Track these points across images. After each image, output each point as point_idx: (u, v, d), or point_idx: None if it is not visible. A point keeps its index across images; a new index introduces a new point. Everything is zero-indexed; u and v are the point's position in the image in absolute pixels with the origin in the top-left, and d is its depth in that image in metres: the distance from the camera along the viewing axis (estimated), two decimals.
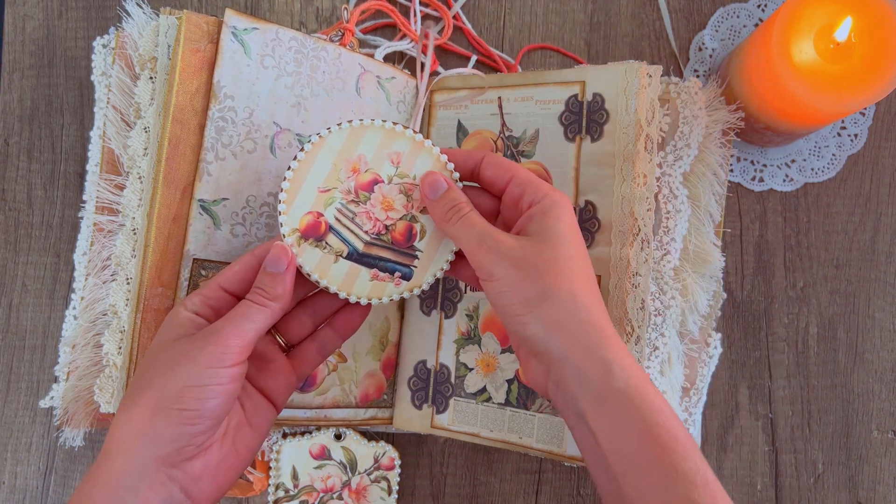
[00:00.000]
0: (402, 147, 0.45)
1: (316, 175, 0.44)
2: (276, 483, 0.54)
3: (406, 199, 0.46)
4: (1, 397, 0.56)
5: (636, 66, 0.49)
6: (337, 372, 0.52)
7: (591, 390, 0.39)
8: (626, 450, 0.38)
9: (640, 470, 0.37)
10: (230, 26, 0.46)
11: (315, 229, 0.44)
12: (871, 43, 0.46)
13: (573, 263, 0.41)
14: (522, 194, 0.43)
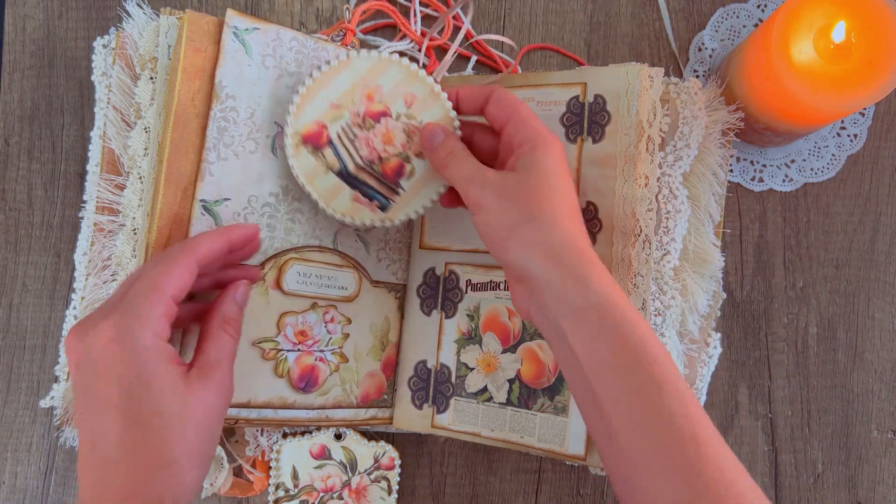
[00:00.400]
0: (418, 91, 0.48)
1: (333, 89, 0.47)
2: (276, 483, 0.54)
3: (406, 139, 0.49)
4: (1, 397, 0.56)
5: (638, 68, 0.49)
6: (339, 372, 0.52)
7: (569, 306, 0.40)
8: (601, 357, 0.39)
9: (614, 376, 0.38)
10: (231, 26, 0.46)
11: (317, 138, 0.47)
12: (871, 43, 0.46)
13: (556, 192, 0.43)
14: (517, 133, 0.45)
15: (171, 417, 0.37)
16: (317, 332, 0.51)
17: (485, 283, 0.52)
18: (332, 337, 0.51)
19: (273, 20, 0.58)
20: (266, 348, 0.48)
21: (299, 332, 0.50)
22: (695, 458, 0.36)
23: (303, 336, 0.50)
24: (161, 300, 0.39)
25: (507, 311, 0.52)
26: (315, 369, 0.51)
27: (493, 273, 0.52)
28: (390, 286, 0.54)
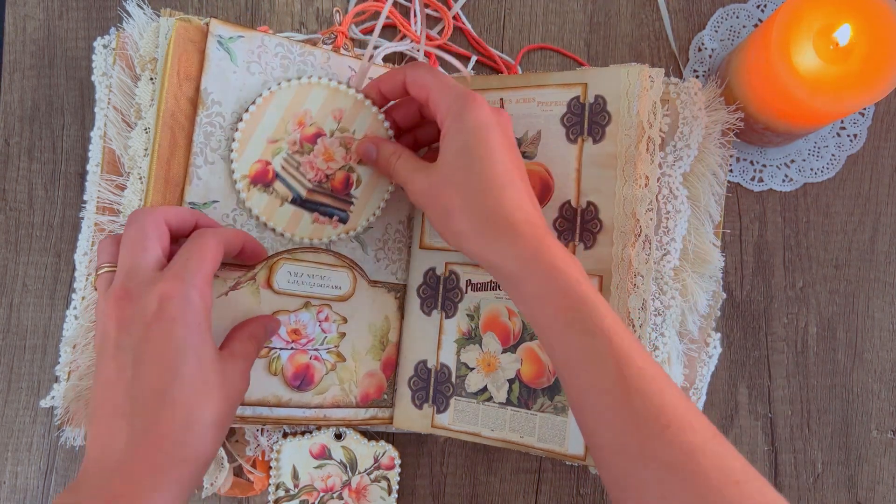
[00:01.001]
0: (344, 104, 0.50)
1: (266, 126, 0.48)
2: (276, 483, 0.54)
3: (345, 152, 0.51)
4: (1, 397, 0.56)
5: (638, 69, 0.49)
6: (336, 371, 0.52)
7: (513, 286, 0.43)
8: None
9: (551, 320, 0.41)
10: (215, 35, 0.47)
11: (263, 176, 0.49)
12: (871, 44, 0.47)
13: (493, 152, 0.43)
14: (440, 101, 0.46)
15: (208, 384, 0.39)
16: (311, 331, 0.51)
17: (485, 283, 0.52)
18: (327, 336, 0.51)
19: (273, 20, 0.58)
20: None
21: (292, 331, 0.50)
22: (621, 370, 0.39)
23: (296, 335, 0.50)
24: (208, 270, 0.41)
25: (508, 311, 0.52)
26: (310, 368, 0.51)
27: None
28: (390, 286, 0.54)
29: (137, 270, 0.41)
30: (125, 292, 0.40)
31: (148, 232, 0.42)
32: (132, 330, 0.39)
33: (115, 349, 0.40)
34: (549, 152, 0.51)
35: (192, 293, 0.40)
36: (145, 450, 0.37)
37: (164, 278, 0.40)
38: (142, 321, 0.39)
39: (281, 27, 0.58)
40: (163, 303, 0.39)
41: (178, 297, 0.39)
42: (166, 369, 0.38)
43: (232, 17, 0.58)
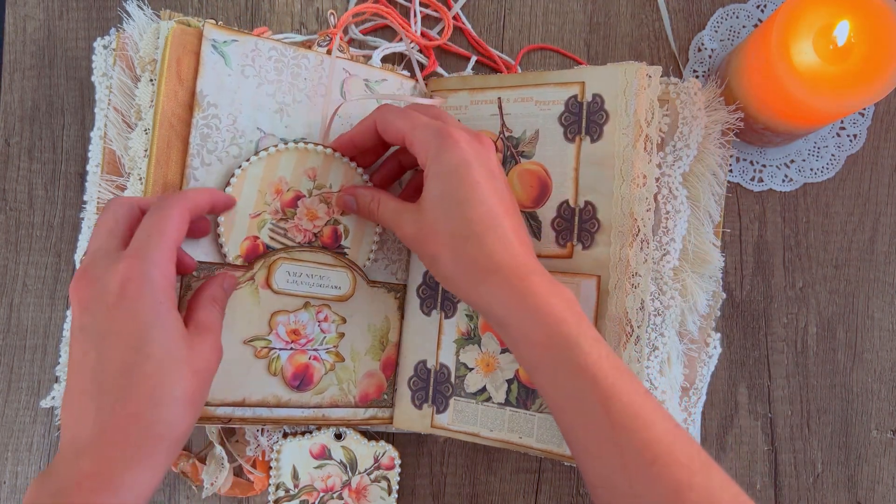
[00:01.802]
0: (315, 162, 0.51)
1: (245, 204, 0.49)
2: (276, 483, 0.54)
3: (327, 207, 0.51)
4: (1, 397, 0.57)
5: (635, 67, 0.49)
6: (334, 371, 0.52)
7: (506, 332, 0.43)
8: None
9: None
10: (210, 39, 0.48)
11: (255, 251, 0.49)
12: (871, 43, 0.47)
13: (476, 194, 0.43)
14: (415, 142, 0.45)
15: (175, 361, 0.39)
16: (310, 331, 0.51)
17: None
18: (326, 336, 0.52)
19: (273, 20, 0.58)
20: (258, 347, 0.49)
21: (292, 331, 0.50)
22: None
23: (295, 335, 0.50)
24: (169, 245, 0.41)
25: None
26: (309, 368, 0.51)
27: None
28: (389, 286, 0.54)
29: (99, 252, 0.41)
30: (85, 274, 0.40)
31: (117, 216, 0.42)
32: (94, 311, 0.39)
33: (78, 331, 0.39)
34: (547, 152, 0.51)
35: (153, 271, 0.39)
36: (114, 430, 0.37)
37: (123, 257, 0.40)
38: (103, 302, 0.39)
39: (281, 27, 0.58)
40: (123, 283, 0.39)
41: (138, 276, 0.39)
42: (130, 348, 0.38)
43: (232, 16, 0.58)
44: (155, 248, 0.40)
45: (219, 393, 0.48)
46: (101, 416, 0.37)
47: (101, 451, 0.36)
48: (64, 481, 0.36)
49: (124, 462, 0.36)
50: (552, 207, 0.51)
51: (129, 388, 0.37)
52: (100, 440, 0.37)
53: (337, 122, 0.52)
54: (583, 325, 0.41)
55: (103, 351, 0.38)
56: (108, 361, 0.38)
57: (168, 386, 0.38)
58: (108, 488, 0.36)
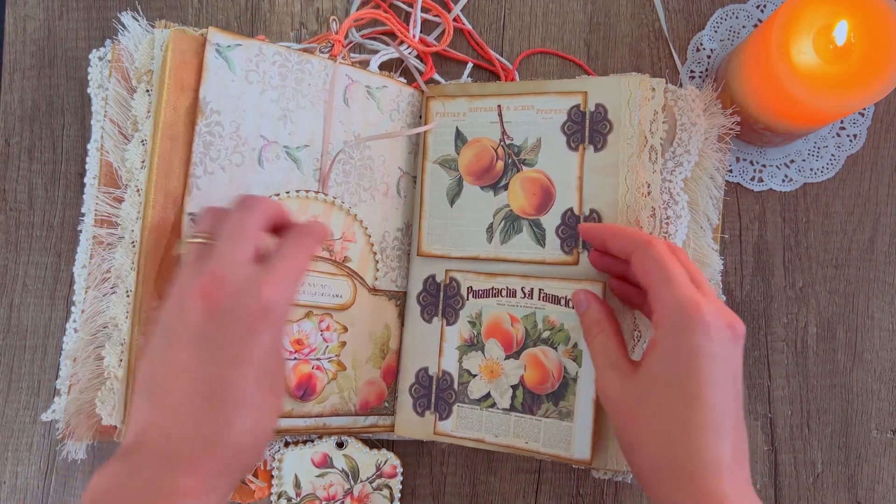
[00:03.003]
0: (316, 210, 0.51)
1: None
2: (278, 492, 0.53)
3: (329, 254, 0.51)
4: (1, 397, 0.57)
5: (639, 79, 0.49)
6: (336, 380, 0.52)
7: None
8: None
9: None
10: (213, 44, 0.47)
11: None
12: (871, 43, 0.47)
13: (704, 408, 0.38)
14: (657, 300, 0.41)
15: (276, 399, 0.39)
16: (313, 341, 0.51)
17: (486, 289, 0.52)
18: (328, 345, 0.51)
19: (273, 21, 0.58)
20: None
21: (295, 341, 0.50)
22: None
23: (299, 345, 0.50)
24: (301, 278, 0.41)
25: (510, 318, 0.52)
26: (312, 377, 0.51)
27: (495, 280, 0.52)
28: (390, 294, 0.54)
29: (236, 261, 0.39)
30: (223, 282, 0.38)
31: (257, 221, 0.41)
32: (224, 327, 0.37)
33: (197, 338, 0.37)
34: (550, 160, 0.51)
35: (287, 303, 0.39)
36: (209, 452, 0.36)
37: (267, 281, 0.38)
38: (236, 318, 0.37)
39: (281, 27, 0.58)
40: (265, 308, 0.38)
41: (279, 307, 0.38)
42: (252, 376, 0.37)
43: (232, 17, 0.58)
44: (293, 279, 0.40)
45: None
46: (200, 436, 0.37)
47: (200, 473, 0.36)
48: (150, 490, 0.35)
49: (217, 483, 0.37)
50: (556, 215, 0.51)
51: (236, 418, 0.37)
52: (194, 461, 0.36)
53: (339, 128, 0.52)
54: None
55: (223, 369, 0.37)
56: (226, 385, 0.37)
57: (268, 420, 0.39)
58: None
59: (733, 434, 0.38)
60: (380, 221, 0.54)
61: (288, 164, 0.50)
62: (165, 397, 0.37)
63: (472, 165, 0.53)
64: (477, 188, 0.53)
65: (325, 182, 0.51)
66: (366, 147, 0.53)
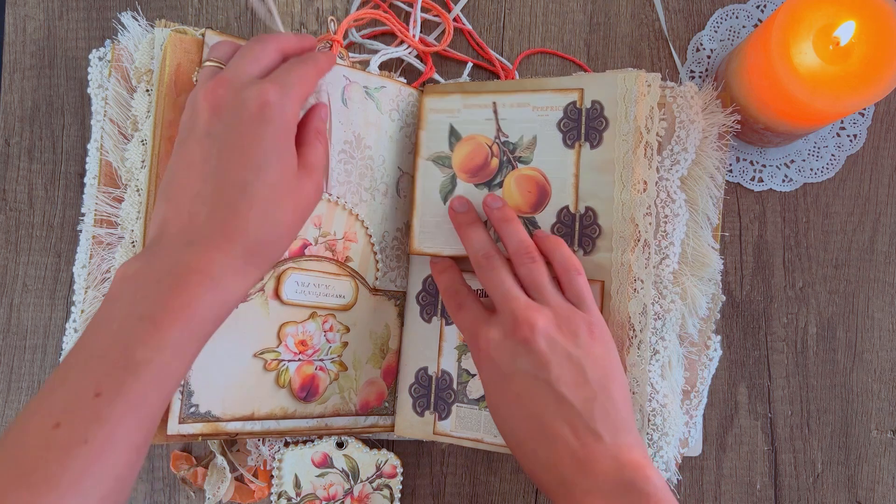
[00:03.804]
0: (320, 210, 0.50)
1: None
2: (278, 492, 0.54)
3: (332, 254, 0.51)
4: (2, 397, 0.57)
5: (634, 74, 0.49)
6: (338, 381, 0.52)
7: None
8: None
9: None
10: (210, 46, 0.47)
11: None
12: (871, 44, 0.47)
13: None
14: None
15: (286, 192, 0.42)
16: (317, 342, 0.51)
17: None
18: (331, 346, 0.51)
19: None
20: (268, 359, 0.49)
21: (300, 342, 0.50)
22: None
23: (303, 346, 0.50)
24: (306, 92, 0.44)
25: None
26: (315, 378, 0.51)
27: None
28: (390, 294, 0.54)
29: (243, 71, 0.42)
30: (225, 82, 0.42)
31: (268, 51, 0.44)
32: (225, 118, 0.41)
33: (204, 135, 0.41)
34: (546, 157, 0.51)
35: (289, 104, 0.42)
36: (223, 237, 0.39)
37: (266, 81, 0.42)
38: (238, 115, 0.41)
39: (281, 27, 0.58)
40: (263, 105, 0.41)
41: (278, 103, 0.41)
42: (251, 167, 0.40)
43: (231, 16, 0.58)
44: (296, 86, 0.42)
45: (229, 408, 0.47)
46: (213, 222, 0.40)
47: (210, 252, 0.39)
48: (172, 267, 0.38)
49: (230, 268, 0.39)
50: (552, 213, 0.51)
51: (243, 203, 0.40)
52: (210, 242, 0.39)
53: (338, 128, 0.51)
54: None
55: (226, 162, 0.40)
56: (229, 173, 0.40)
57: (277, 212, 0.41)
58: (214, 288, 0.38)
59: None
60: (380, 221, 0.54)
61: None
62: (180, 192, 0.41)
63: (467, 163, 0.53)
64: (471, 185, 0.53)
65: (327, 182, 0.51)
66: (366, 147, 0.53)
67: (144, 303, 0.37)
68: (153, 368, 0.36)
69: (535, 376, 0.43)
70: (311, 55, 0.45)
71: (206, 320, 0.38)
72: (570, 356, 0.43)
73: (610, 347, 0.46)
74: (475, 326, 0.46)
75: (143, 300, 0.37)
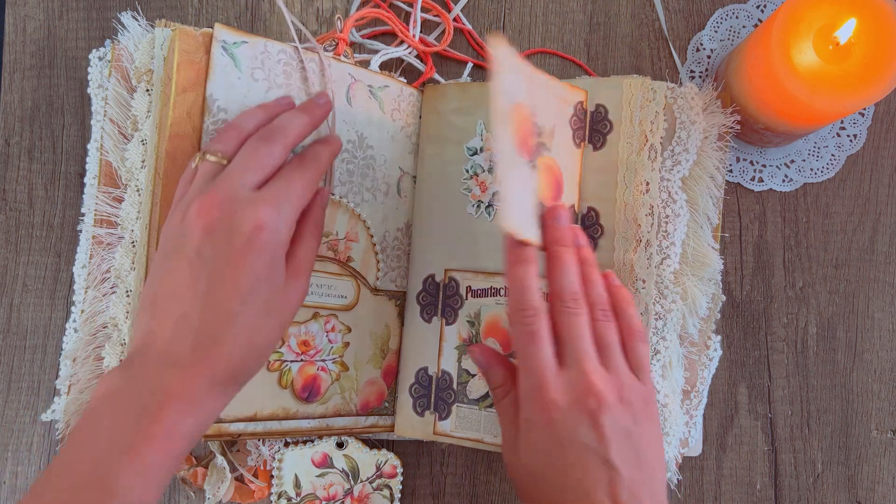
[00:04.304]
0: None
1: None
2: (278, 492, 0.53)
3: (334, 254, 0.51)
4: (1, 397, 0.57)
5: (640, 81, 0.49)
6: (339, 381, 0.52)
7: None
8: None
9: None
10: (220, 40, 0.47)
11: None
12: (871, 43, 0.47)
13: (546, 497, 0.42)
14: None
15: (271, 315, 0.41)
16: (319, 342, 0.51)
17: (485, 289, 0.52)
18: (333, 346, 0.52)
19: (273, 20, 0.58)
20: (271, 360, 0.49)
21: (302, 343, 0.50)
22: None
23: (306, 346, 0.50)
24: (302, 204, 0.43)
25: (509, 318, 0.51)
26: (317, 379, 0.51)
27: (494, 279, 0.52)
28: (390, 294, 0.54)
29: (242, 182, 0.41)
30: (221, 200, 0.40)
31: (275, 155, 0.42)
32: (216, 242, 0.39)
33: (194, 255, 0.40)
34: (560, 151, 0.51)
35: (283, 227, 0.41)
36: (206, 364, 0.39)
37: (262, 201, 0.40)
38: (230, 239, 0.39)
39: (281, 27, 0.58)
40: (256, 229, 0.39)
41: (271, 227, 0.40)
42: (239, 296, 0.39)
43: (232, 16, 0.58)
44: (295, 202, 0.42)
45: (232, 409, 0.47)
46: (198, 350, 0.39)
47: (193, 378, 0.38)
48: (155, 390, 0.38)
49: (209, 392, 0.39)
50: None
51: (229, 333, 0.39)
52: (193, 368, 0.39)
53: (342, 127, 0.51)
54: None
55: (215, 288, 0.39)
56: (217, 300, 0.39)
57: (262, 338, 0.41)
58: (195, 413, 0.38)
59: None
60: (381, 221, 0.54)
61: None
62: (166, 310, 0.40)
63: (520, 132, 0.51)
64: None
65: (330, 181, 0.51)
66: (368, 147, 0.53)
67: (126, 431, 0.37)
68: (134, 494, 0.36)
69: (594, 451, 0.41)
70: (307, 157, 0.44)
71: (185, 441, 0.38)
72: (629, 434, 0.41)
73: (657, 423, 0.44)
74: (542, 374, 0.42)
75: (124, 428, 0.37)
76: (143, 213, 0.48)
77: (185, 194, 0.42)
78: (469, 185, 0.54)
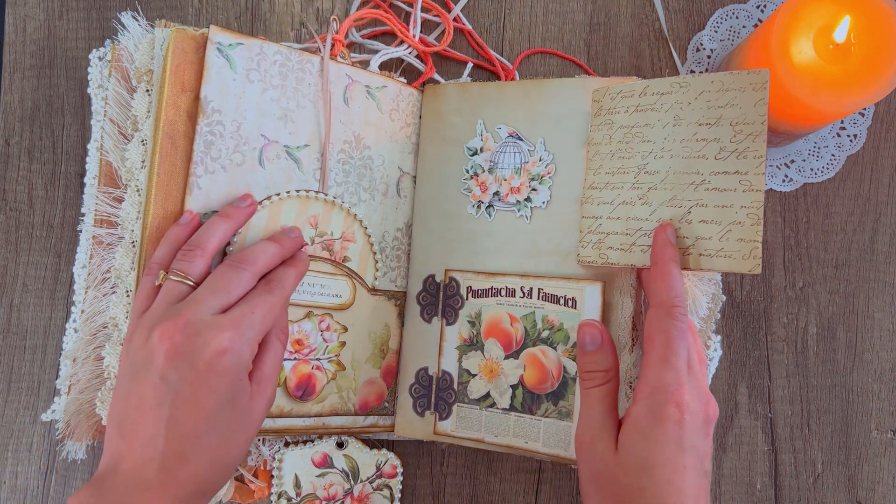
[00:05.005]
0: (316, 210, 0.51)
1: None
2: (278, 491, 0.53)
3: (329, 254, 0.51)
4: (2, 397, 0.57)
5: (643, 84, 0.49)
6: (335, 380, 0.52)
7: None
8: None
9: None
10: (215, 42, 0.47)
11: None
12: (871, 43, 0.47)
13: (647, 495, 0.41)
14: (644, 357, 0.44)
15: (237, 431, 0.42)
16: (313, 341, 0.51)
17: (486, 289, 0.52)
18: (328, 345, 0.51)
19: (273, 20, 0.58)
20: None
21: (296, 341, 0.50)
22: None
23: (299, 345, 0.50)
24: (265, 329, 0.43)
25: (509, 318, 0.52)
26: (312, 377, 0.51)
27: (494, 279, 0.52)
28: (390, 294, 0.54)
29: (207, 307, 0.42)
30: (185, 323, 0.41)
31: (242, 282, 0.43)
32: (180, 367, 0.40)
33: (158, 379, 0.40)
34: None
35: (245, 349, 0.41)
36: (176, 484, 0.40)
37: (226, 325, 0.41)
38: (192, 364, 0.40)
39: (281, 27, 0.58)
40: (218, 354, 0.40)
41: (233, 352, 0.41)
42: (203, 418, 0.40)
43: (232, 16, 0.58)
44: (255, 327, 0.42)
45: None
46: (164, 472, 0.40)
47: (161, 499, 0.39)
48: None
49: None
50: None
51: (194, 454, 0.40)
52: (161, 489, 0.40)
53: (339, 128, 0.51)
54: None
55: (179, 412, 0.40)
56: (182, 424, 0.40)
57: (228, 455, 0.42)
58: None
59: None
60: (379, 221, 0.54)
61: (288, 164, 0.50)
62: (133, 432, 0.40)
63: None
64: None
65: (324, 181, 0.51)
66: (365, 147, 0.53)
67: None
68: None
69: (701, 460, 0.42)
70: (279, 279, 0.45)
71: None
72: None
73: None
74: (682, 374, 0.42)
75: None
76: (147, 213, 0.48)
77: (145, 309, 0.43)
78: (469, 185, 0.54)
